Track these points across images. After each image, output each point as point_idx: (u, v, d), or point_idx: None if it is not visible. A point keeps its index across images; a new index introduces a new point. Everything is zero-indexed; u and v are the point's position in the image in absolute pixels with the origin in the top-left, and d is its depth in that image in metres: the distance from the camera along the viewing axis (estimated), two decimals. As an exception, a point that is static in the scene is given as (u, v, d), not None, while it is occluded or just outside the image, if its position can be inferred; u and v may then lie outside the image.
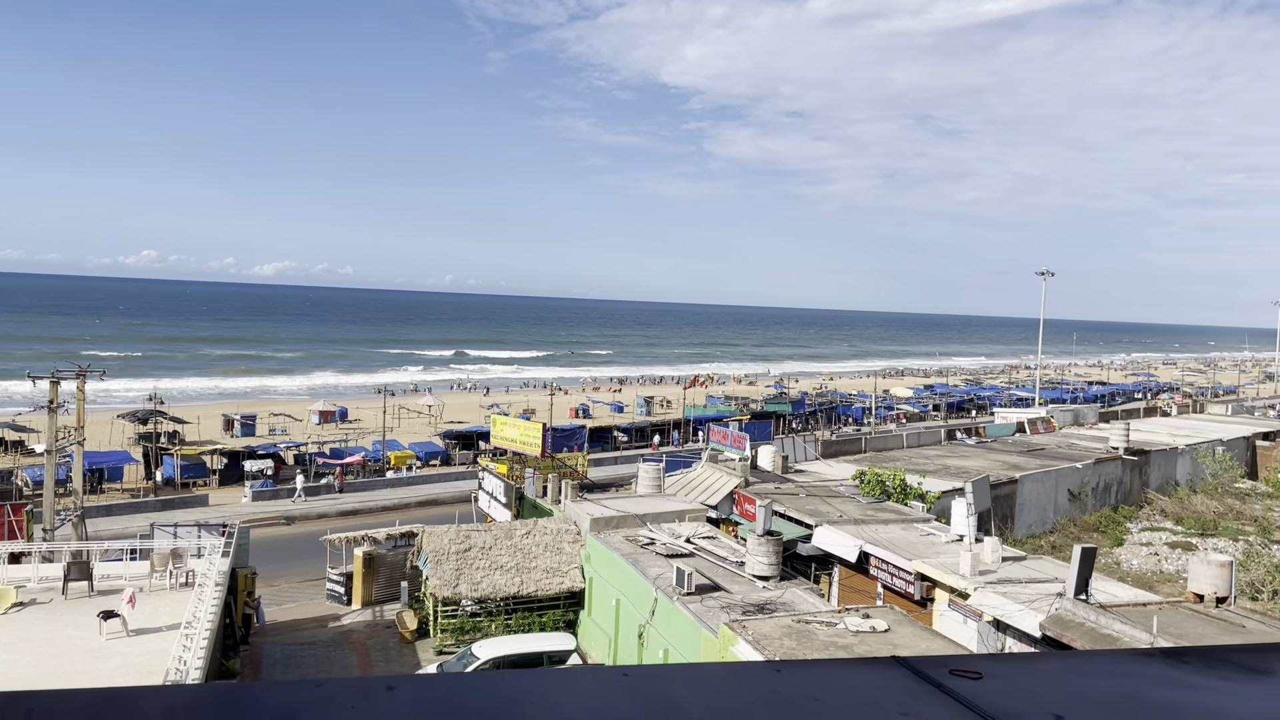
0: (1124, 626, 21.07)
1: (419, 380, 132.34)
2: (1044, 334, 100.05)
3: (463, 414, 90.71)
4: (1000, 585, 25.34)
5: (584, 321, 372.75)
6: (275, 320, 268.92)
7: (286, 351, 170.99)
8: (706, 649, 22.71)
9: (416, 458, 65.71)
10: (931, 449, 54.18)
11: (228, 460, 60.68)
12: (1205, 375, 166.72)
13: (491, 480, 42.79)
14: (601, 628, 30.13)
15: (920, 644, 20.85)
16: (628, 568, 28.46)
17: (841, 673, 1.73)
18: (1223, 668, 1.80)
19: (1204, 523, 44.05)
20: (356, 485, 58.28)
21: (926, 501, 37.01)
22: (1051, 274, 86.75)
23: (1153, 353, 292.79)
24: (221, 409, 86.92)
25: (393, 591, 36.51)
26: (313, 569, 40.65)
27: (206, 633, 22.11)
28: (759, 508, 29.49)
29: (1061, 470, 46.07)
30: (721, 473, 40.47)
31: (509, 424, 52.04)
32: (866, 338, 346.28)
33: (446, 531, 33.01)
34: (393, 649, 31.94)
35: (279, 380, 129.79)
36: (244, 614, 31.86)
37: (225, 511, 49.03)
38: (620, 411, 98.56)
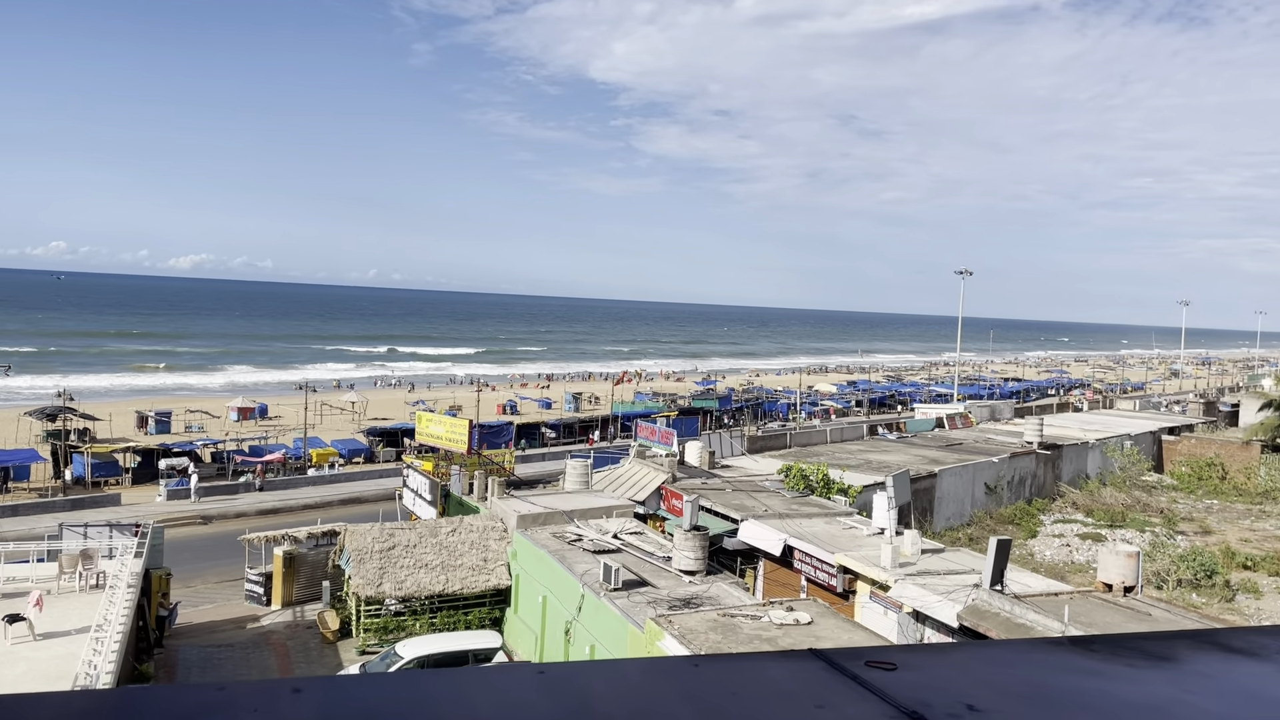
0: (1037, 616, 21.71)
1: (342, 376, 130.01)
2: (962, 331, 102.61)
3: (387, 410, 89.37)
4: (919, 577, 25.90)
5: (512, 317, 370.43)
6: (192, 314, 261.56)
7: (204, 347, 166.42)
8: (633, 644, 22.76)
9: (339, 455, 64.54)
10: (854, 444, 55.11)
11: (141, 458, 58.84)
12: (1115, 372, 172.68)
13: (416, 478, 42.26)
14: (528, 625, 30.00)
15: (842, 636, 21.20)
16: (554, 564, 28.37)
17: (759, 666, 1.73)
18: (1127, 655, 1.85)
19: (1113, 514, 45.62)
20: (277, 483, 57.01)
21: (849, 495, 37.62)
22: (970, 273, 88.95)
23: (1066, 350, 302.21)
24: (135, 405, 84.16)
25: (314, 591, 35.83)
26: (231, 569, 39.64)
27: (118, 636, 21.42)
28: (686, 503, 29.65)
29: (979, 464, 47.27)
30: (649, 469, 40.59)
31: (435, 420, 51.43)
32: (792, 334, 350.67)
33: (370, 530, 32.51)
34: (314, 650, 31.35)
35: (196, 376, 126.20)
36: (158, 616, 30.98)
37: (139, 511, 47.53)
38: (548, 408, 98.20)
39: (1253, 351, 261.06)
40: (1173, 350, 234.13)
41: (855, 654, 1.77)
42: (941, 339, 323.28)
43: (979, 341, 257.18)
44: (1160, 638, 1.92)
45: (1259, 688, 1.71)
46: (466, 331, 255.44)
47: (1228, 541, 41.55)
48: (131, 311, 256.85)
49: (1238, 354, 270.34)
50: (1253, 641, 1.87)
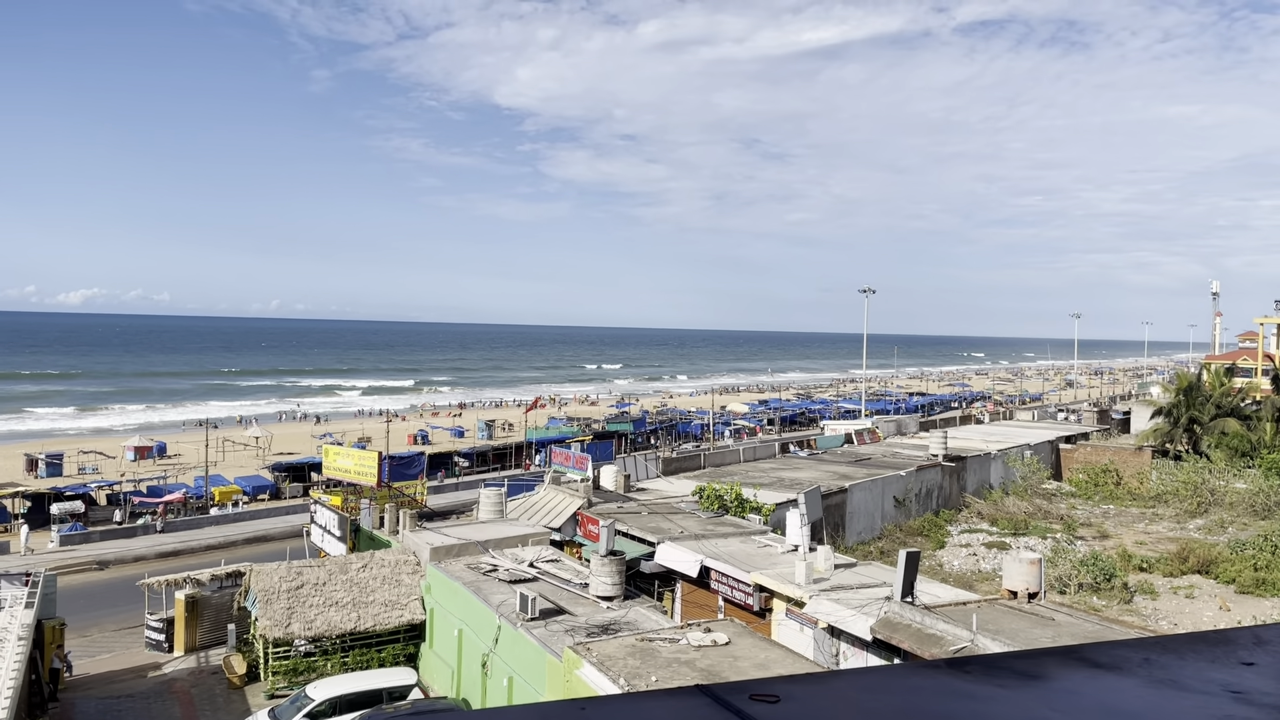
0: (947, 625, 22.24)
1: (245, 411, 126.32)
2: (867, 348, 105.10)
3: (293, 445, 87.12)
4: (833, 592, 26.29)
5: (421, 345, 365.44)
6: (84, 352, 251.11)
7: (97, 385, 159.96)
8: (551, 674, 22.55)
9: (243, 492, 62.63)
10: (766, 462, 55.81)
11: (32, 503, 56.15)
12: (1013, 384, 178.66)
13: (324, 513, 41.27)
14: (444, 659, 29.48)
15: (760, 655, 21.36)
16: (469, 596, 27.98)
17: (644, 706, 1.75)
18: (1000, 675, 1.93)
19: (1016, 522, 47.09)
20: (178, 524, 55.00)
21: (763, 514, 38.05)
22: (873, 291, 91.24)
23: (966, 364, 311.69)
24: (23, 448, 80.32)
25: (219, 635, 34.60)
26: (130, 616, 38.04)
27: (9, 691, 20.37)
28: (602, 528, 29.61)
29: (887, 478, 48.32)
30: (564, 494, 40.41)
31: (342, 454, 50.35)
32: (703, 355, 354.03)
33: (277, 569, 31.57)
34: (220, 696, 30.26)
35: (89, 415, 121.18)
36: (52, 668, 29.52)
37: (30, 559, 45.30)
38: (461, 436, 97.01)
39: (1141, 360, 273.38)
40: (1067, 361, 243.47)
41: (739, 688, 1.80)
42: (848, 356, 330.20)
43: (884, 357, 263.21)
44: (1031, 655, 2.00)
45: (1118, 701, 1.80)
46: (374, 361, 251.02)
47: (1124, 545, 43.26)
48: (19, 349, 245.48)
49: (1128, 363, 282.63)
50: (1115, 656, 1.97)
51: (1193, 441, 61.61)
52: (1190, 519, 49.13)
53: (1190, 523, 48.39)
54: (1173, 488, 53.35)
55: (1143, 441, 63.10)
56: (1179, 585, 37.37)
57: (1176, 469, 55.52)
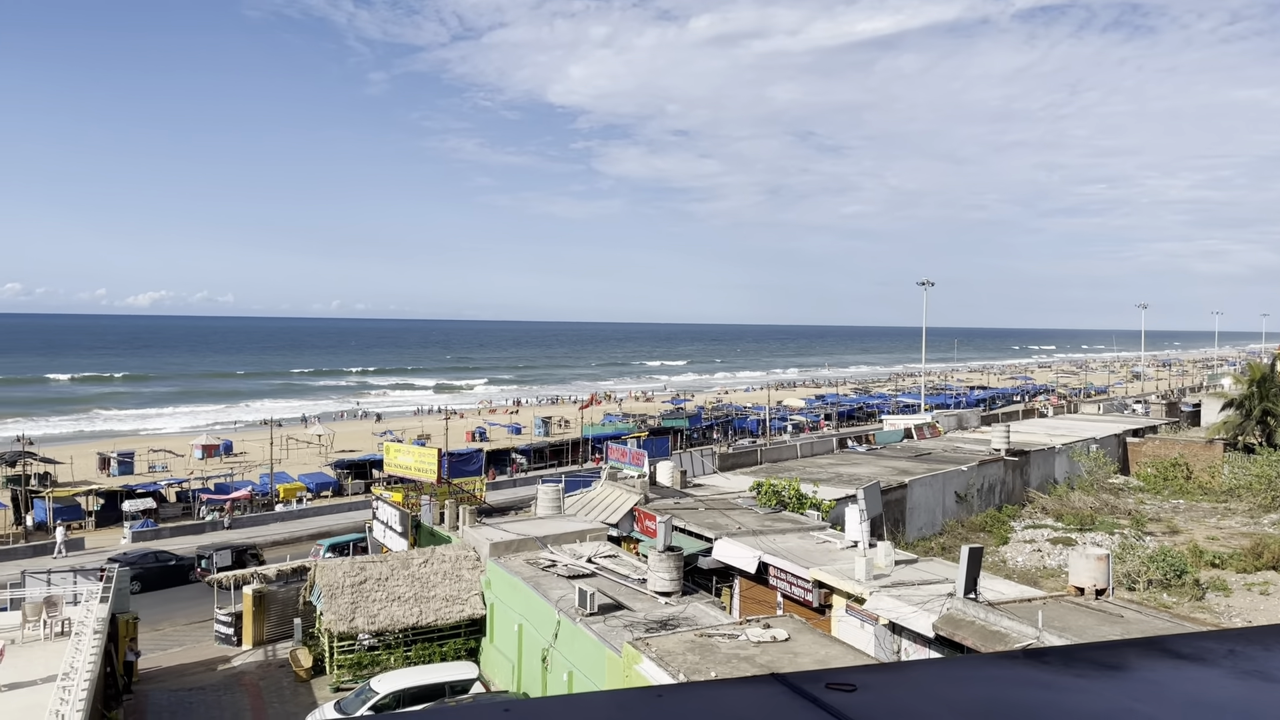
0: (1011, 622, 21.89)
1: (308, 409, 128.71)
2: (926, 342, 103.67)
3: (354, 442, 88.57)
4: (894, 588, 26.03)
5: (477, 343, 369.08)
6: (152, 352, 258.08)
7: (166, 387, 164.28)
8: (610, 669, 22.65)
9: (307, 489, 63.83)
10: (824, 457, 55.38)
11: (105, 501, 57.85)
12: (1078, 377, 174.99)
13: (386, 509, 41.88)
14: (504, 654, 29.76)
15: (819, 651, 21.23)
16: (529, 591, 28.20)
17: (721, 693, 1.76)
18: (1079, 666, 1.90)
19: (1082, 518, 46.14)
20: (244, 520, 56.29)
21: (821, 510, 37.77)
22: (931, 284, 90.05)
23: (1028, 357, 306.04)
24: (96, 447, 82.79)
25: (285, 629, 35.33)
26: (199, 610, 39.05)
27: (85, 684, 20.98)
28: (659, 524, 29.63)
29: (948, 473, 47.66)
30: (621, 490, 40.53)
31: (403, 451, 51.07)
32: (758, 350, 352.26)
33: (340, 564, 32.15)
34: (287, 689, 30.89)
35: (158, 414, 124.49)
36: (126, 661, 30.39)
37: (104, 555, 46.70)
38: (518, 433, 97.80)
39: (1212, 351, 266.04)
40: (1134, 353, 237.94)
41: (815, 677, 1.80)
42: (907, 350, 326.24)
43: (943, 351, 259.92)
44: (1111, 647, 1.97)
45: (1204, 693, 1.76)
46: (433, 359, 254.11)
47: (1195, 540, 42.15)
48: (91, 351, 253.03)
49: (1198, 354, 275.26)
50: (1199, 647, 1.93)
51: (1266, 434, 59.77)
52: (1265, 514, 47.71)
53: (1265, 518, 46.99)
54: (1245, 482, 51.81)
55: (1214, 434, 61.40)
56: (1253, 582, 36.31)
57: (1249, 462, 53.88)
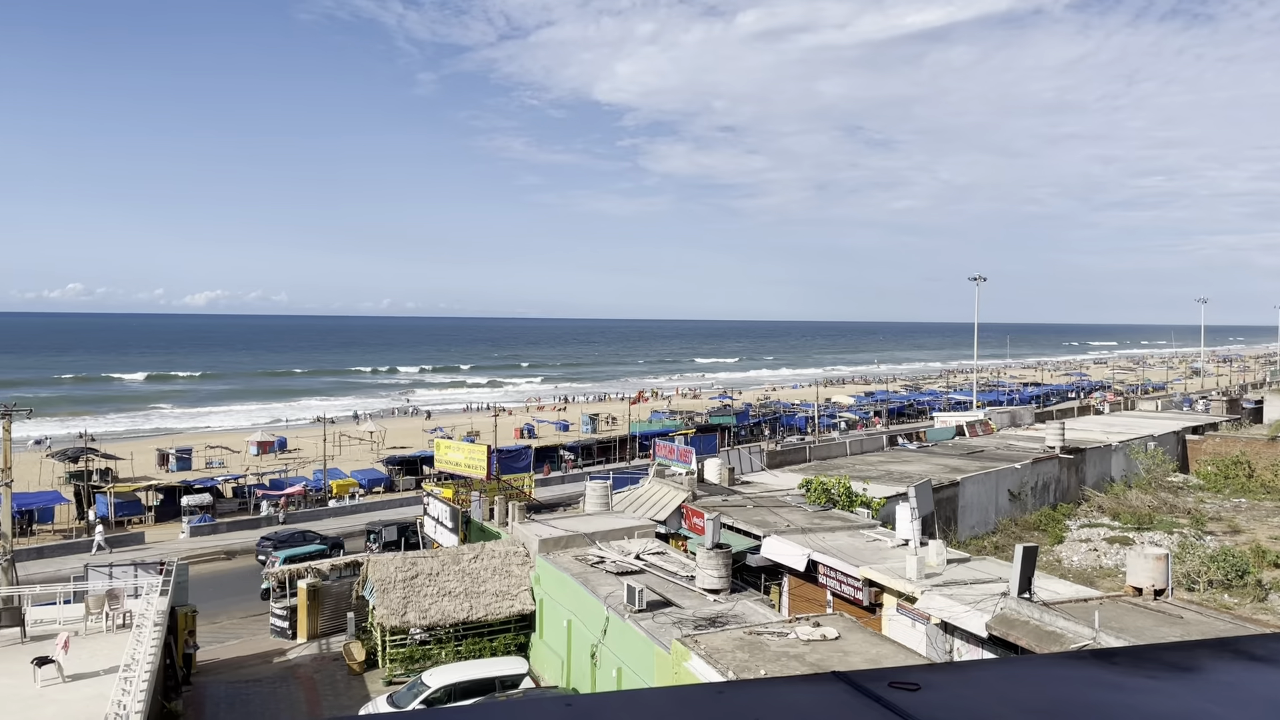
0: (1067, 623, 21.51)
1: (359, 406, 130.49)
2: (978, 338, 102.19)
3: (405, 439, 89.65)
4: (946, 587, 25.70)
5: (526, 341, 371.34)
6: (209, 351, 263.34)
7: (222, 385, 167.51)
8: (659, 666, 22.67)
9: (359, 485, 64.73)
10: (874, 455, 54.86)
11: (163, 496, 59.19)
12: (1135, 373, 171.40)
13: (437, 505, 42.33)
14: (554, 649, 29.92)
15: (870, 650, 21.04)
16: (578, 587, 28.31)
17: (783, 691, 1.74)
18: (1149, 666, 1.86)
19: (1140, 517, 45.20)
20: (299, 516, 57.22)
21: (871, 508, 37.43)
22: (983, 279, 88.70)
23: (1083, 353, 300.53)
24: (156, 443, 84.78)
25: (339, 623, 35.86)
26: (255, 604, 39.77)
27: (146, 675, 21.49)
28: (707, 521, 29.57)
29: (1001, 471, 46.96)
30: (669, 488, 40.51)
31: (453, 447, 51.60)
32: (806, 347, 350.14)
33: (393, 559, 32.54)
34: (341, 682, 31.35)
35: (215, 412, 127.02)
36: (185, 653, 31.06)
37: (163, 549, 47.80)
38: (565, 430, 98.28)
39: (1274, 347, 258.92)
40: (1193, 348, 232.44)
41: (878, 675, 1.78)
42: (958, 346, 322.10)
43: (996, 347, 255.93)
44: (1182, 647, 1.92)
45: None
46: (482, 357, 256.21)
47: (1258, 540, 41.08)
48: (150, 350, 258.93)
49: (1260, 350, 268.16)
50: (1274, 649, 1.87)
51: (1333, 432, 58.07)
52: (1331, 514, 46.34)
53: (1331, 518, 45.64)
54: (1311, 481, 50.41)
55: (1277, 431, 59.76)
56: (1320, 584, 35.30)
57: (1315, 461, 52.42)
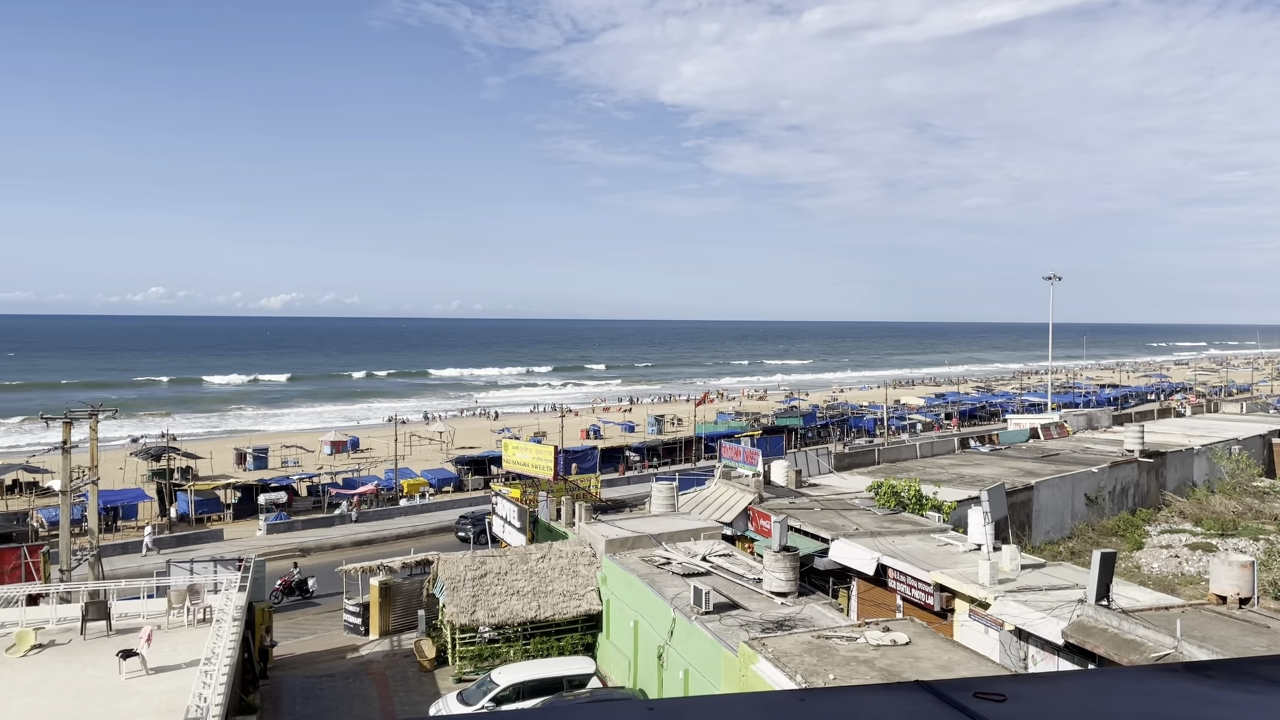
0: (1147, 631, 20.90)
1: (429, 407, 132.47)
2: (1053, 338, 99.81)
3: (474, 439, 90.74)
4: (1020, 593, 25.17)
5: (591, 342, 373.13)
6: (285, 353, 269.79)
7: (300, 387, 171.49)
8: (727, 668, 22.59)
9: (429, 485, 65.70)
10: (945, 458, 53.94)
11: (241, 494, 60.75)
12: (1218, 374, 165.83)
13: (505, 505, 42.75)
14: (620, 650, 30.00)
15: (942, 656, 20.70)
16: (644, 588, 28.35)
17: (865, 698, 1.72)
18: (1248, 681, 1.79)
19: (1223, 523, 43.71)
20: (371, 514, 58.28)
21: (942, 511, 36.81)
22: (1058, 278, 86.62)
23: (1163, 354, 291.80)
24: (234, 443, 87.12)
25: (410, 620, 36.42)
26: (329, 600, 40.61)
27: (226, 668, 22.06)
28: (774, 523, 29.38)
29: (1077, 475, 45.81)
30: (735, 489, 40.35)
31: (521, 448, 52.06)
32: (874, 348, 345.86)
33: (462, 558, 32.95)
34: (412, 679, 31.83)
35: (289, 412, 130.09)
36: (263, 647, 31.81)
37: (240, 545, 49.06)
38: (631, 431, 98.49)
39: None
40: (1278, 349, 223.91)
41: (963, 685, 1.75)
42: (1031, 347, 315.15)
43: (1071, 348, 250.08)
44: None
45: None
46: (548, 358, 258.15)
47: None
48: (228, 351, 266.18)
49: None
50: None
51: None
52: None
53: None
54: None
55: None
56: None
57: None
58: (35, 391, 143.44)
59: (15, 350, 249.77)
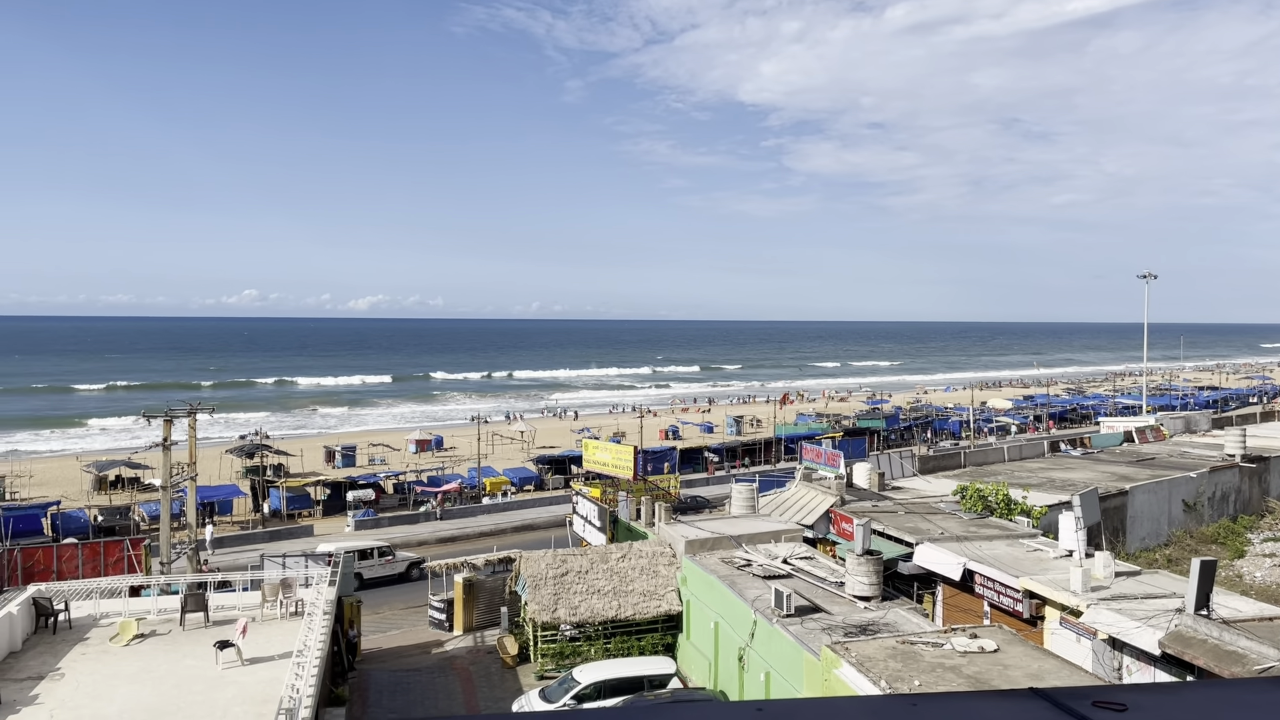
0: (1250, 643, 20.05)
1: (510, 407, 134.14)
2: (1148, 338, 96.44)
3: (554, 439, 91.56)
4: (1114, 601, 24.38)
5: (670, 343, 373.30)
6: (371, 353, 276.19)
7: (383, 386, 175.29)
8: (809, 672, 22.36)
9: (511, 483, 66.51)
10: (1034, 461, 52.58)
11: (330, 491, 62.30)
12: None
13: (585, 504, 43.04)
14: (701, 651, 29.94)
15: (1032, 664, 20.17)
16: (725, 590, 28.24)
17: (978, 706, 1.67)
18: (1390, 697, 1.70)
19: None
20: (454, 512, 59.25)
21: (1032, 516, 35.88)
22: (1154, 276, 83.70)
23: (1266, 355, 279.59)
24: (323, 441, 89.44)
25: (493, 617, 36.91)
26: (415, 596, 41.38)
27: (317, 660, 22.62)
28: (857, 526, 28.99)
29: (1174, 480, 44.21)
30: (816, 492, 39.94)
31: (600, 448, 52.34)
32: (959, 349, 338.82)
33: (543, 556, 33.26)
34: (495, 675, 32.25)
35: (375, 411, 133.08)
36: (350, 641, 32.57)
37: (329, 541, 50.30)
38: (710, 432, 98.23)
39: None
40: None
41: (1080, 693, 1.69)
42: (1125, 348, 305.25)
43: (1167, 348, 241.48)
44: None
45: None
46: (627, 358, 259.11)
47: None
48: (317, 353, 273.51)
49: None
50: None
51: None
52: None
53: None
54: None
55: None
56: None
57: None
58: (140, 392, 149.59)
59: (120, 351, 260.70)
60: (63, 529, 51.36)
